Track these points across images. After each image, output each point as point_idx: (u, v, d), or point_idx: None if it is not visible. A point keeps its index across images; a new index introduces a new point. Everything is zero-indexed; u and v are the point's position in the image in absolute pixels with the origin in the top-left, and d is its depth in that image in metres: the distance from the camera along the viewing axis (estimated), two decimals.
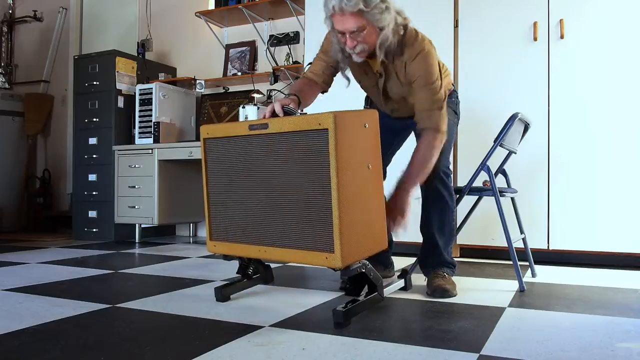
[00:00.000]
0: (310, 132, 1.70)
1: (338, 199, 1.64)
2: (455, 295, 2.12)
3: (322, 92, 2.24)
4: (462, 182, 3.17)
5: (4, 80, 5.80)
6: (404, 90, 2.12)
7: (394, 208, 1.94)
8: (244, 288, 2.15)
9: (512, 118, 2.33)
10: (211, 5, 4.62)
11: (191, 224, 4.71)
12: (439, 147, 2.04)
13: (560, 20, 3.03)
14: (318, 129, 1.68)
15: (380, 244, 1.82)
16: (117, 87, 4.42)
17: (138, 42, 4.95)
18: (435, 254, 2.24)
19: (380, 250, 1.84)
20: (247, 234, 1.93)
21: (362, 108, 2.45)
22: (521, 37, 3.14)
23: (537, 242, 3.03)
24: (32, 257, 3.36)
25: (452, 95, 2.39)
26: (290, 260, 1.82)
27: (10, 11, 6.02)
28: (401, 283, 1.93)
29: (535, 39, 3.09)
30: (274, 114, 1.90)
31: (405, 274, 1.95)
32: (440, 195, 2.20)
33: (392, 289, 1.89)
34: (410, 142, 2.37)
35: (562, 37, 3.04)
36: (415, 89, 2.05)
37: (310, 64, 2.28)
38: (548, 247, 3.05)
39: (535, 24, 3.09)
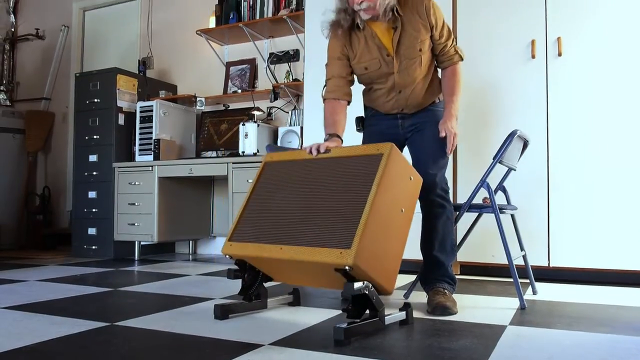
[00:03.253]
0: (367, 156, 1.94)
1: (370, 208, 1.77)
2: (455, 313, 2.11)
3: (348, 104, 2.39)
4: (461, 199, 3.17)
5: (5, 97, 5.83)
6: (414, 43, 2.23)
7: (450, 129, 2.20)
8: (244, 310, 2.14)
9: (511, 135, 2.34)
10: (212, 24, 4.66)
11: (190, 241, 4.69)
12: (460, 73, 2.34)
13: (558, 38, 3.06)
14: (374, 154, 1.92)
15: (388, 283, 1.85)
16: (118, 105, 4.44)
17: (139, 60, 4.99)
18: (436, 270, 2.25)
19: (385, 290, 1.85)
20: (267, 234, 1.98)
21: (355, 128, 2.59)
22: (519, 54, 3.16)
23: (537, 259, 3.02)
24: (31, 274, 3.35)
25: (442, 97, 2.43)
26: (303, 257, 1.83)
27: (13, 29, 6.08)
28: (402, 315, 1.93)
29: (533, 57, 3.11)
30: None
31: (407, 307, 1.95)
32: (440, 211, 2.24)
33: (393, 319, 1.89)
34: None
35: (560, 54, 3.06)
36: (435, 29, 2.27)
37: (326, 80, 2.40)
38: (549, 264, 3.04)
39: (533, 41, 3.11)
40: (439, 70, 2.42)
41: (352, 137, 2.62)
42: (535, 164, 3.07)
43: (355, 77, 2.42)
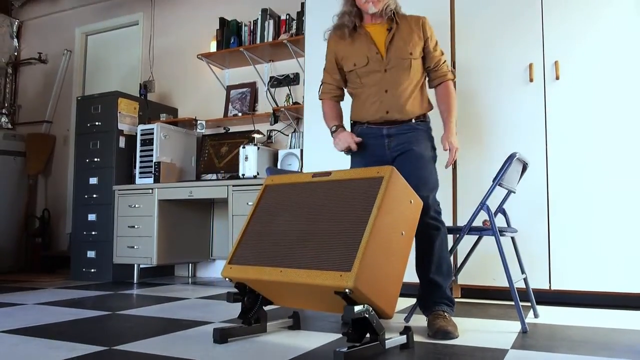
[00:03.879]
0: (368, 179, 1.95)
1: (371, 230, 1.77)
2: (457, 337, 2.10)
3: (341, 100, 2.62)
4: (461, 221, 3.17)
5: (7, 120, 5.86)
6: (406, 45, 2.37)
7: (452, 144, 2.35)
8: (244, 334, 2.12)
9: (511, 157, 2.35)
10: (213, 48, 4.71)
11: (190, 264, 4.67)
12: (453, 91, 2.47)
13: (555, 62, 3.09)
14: (375, 177, 1.93)
15: (388, 306, 1.84)
16: (119, 128, 4.46)
17: (140, 84, 5.03)
18: (435, 292, 2.24)
19: (386, 314, 1.84)
20: (267, 257, 1.98)
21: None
22: (518, 78, 3.19)
23: (538, 282, 3.01)
24: (29, 298, 3.33)
25: (427, 117, 2.49)
26: (303, 280, 1.82)
27: (16, 53, 6.14)
28: (403, 339, 1.92)
29: (531, 80, 3.14)
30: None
31: (407, 330, 1.94)
32: (435, 233, 2.26)
33: (393, 343, 1.88)
34: None
35: (557, 78, 3.09)
36: (429, 41, 2.44)
37: (322, 83, 2.62)
38: (550, 287, 3.02)
39: (530, 65, 3.14)
40: (430, 89, 2.53)
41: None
42: (535, 187, 3.08)
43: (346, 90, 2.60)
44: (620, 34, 2.98)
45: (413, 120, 2.38)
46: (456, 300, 3.11)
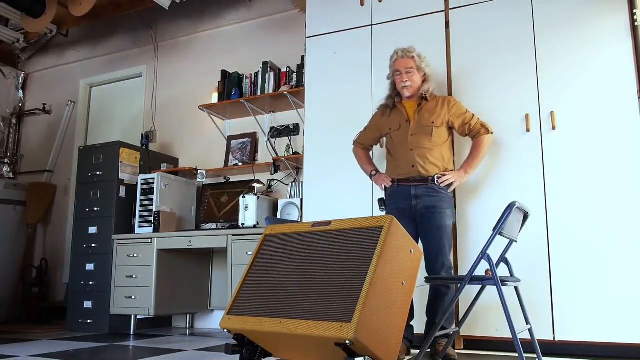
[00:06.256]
0: (368, 228, 1.97)
1: (371, 280, 1.77)
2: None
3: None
4: (462, 271, 3.14)
5: (9, 170, 5.90)
6: (429, 116, 2.95)
7: (453, 175, 2.90)
8: None
9: (510, 207, 2.35)
10: (214, 99, 4.79)
11: (188, 315, 4.60)
12: (488, 144, 3.01)
13: (551, 113, 3.14)
14: (375, 226, 1.95)
15: (389, 358, 1.82)
16: (120, 177, 4.49)
17: (142, 134, 5.08)
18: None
19: None
20: (266, 307, 1.96)
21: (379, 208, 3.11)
22: (515, 129, 3.23)
23: (542, 333, 2.95)
24: (21, 350, 3.26)
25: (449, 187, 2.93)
26: (302, 331, 1.80)
27: (21, 104, 6.24)
28: None
29: (528, 130, 3.18)
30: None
31: None
32: (445, 291, 2.77)
33: None
34: None
35: (553, 128, 3.13)
36: (457, 111, 3.02)
37: (360, 132, 3.26)
38: (554, 338, 2.97)
39: (527, 116, 3.19)
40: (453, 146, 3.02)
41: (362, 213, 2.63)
42: (535, 236, 3.06)
43: (375, 147, 3.33)
44: (613, 80, 3.04)
45: (436, 181, 2.86)
46: (458, 351, 3.05)
